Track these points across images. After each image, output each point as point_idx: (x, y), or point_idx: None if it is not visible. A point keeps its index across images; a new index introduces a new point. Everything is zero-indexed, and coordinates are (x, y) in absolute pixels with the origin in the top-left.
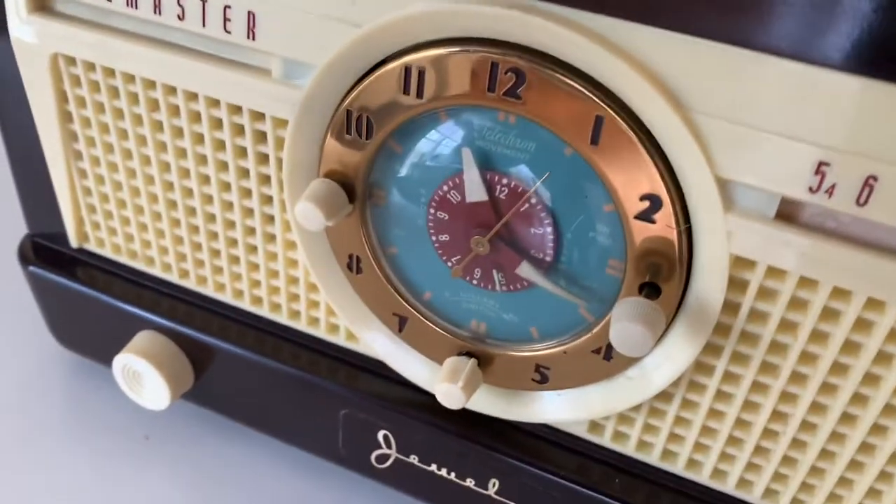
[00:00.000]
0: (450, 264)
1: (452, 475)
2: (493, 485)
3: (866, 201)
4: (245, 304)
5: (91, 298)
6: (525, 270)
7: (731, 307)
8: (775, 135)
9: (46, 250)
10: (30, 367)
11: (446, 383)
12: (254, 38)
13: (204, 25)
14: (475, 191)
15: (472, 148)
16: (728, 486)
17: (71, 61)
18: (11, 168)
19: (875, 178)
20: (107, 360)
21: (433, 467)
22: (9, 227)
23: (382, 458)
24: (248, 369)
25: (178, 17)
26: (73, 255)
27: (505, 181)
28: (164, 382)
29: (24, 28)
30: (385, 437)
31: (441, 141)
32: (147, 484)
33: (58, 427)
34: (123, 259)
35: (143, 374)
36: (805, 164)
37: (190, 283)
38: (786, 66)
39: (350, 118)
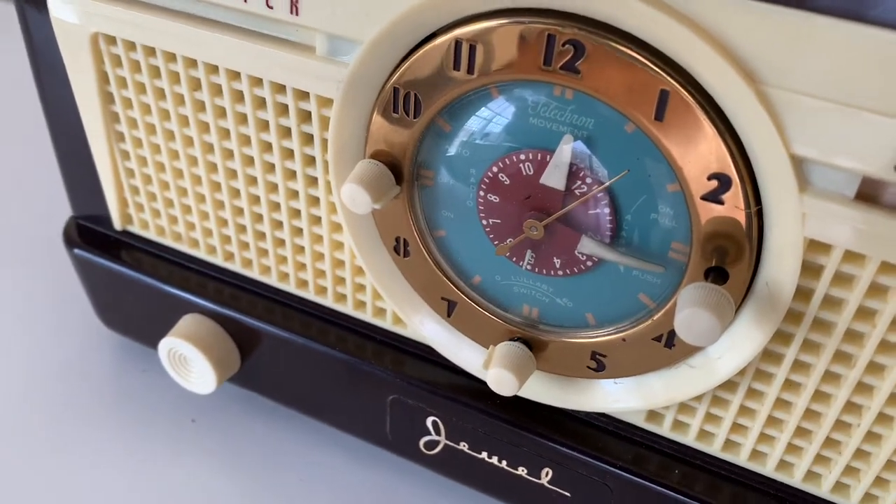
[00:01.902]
0: (501, 248)
1: (504, 463)
2: (546, 474)
3: None
4: (290, 287)
5: (136, 281)
6: (587, 246)
7: (803, 293)
8: (859, 109)
9: (91, 233)
10: (76, 349)
11: (497, 369)
12: (297, 14)
13: (245, 1)
14: (555, 178)
15: (525, 125)
16: (795, 479)
17: (111, 41)
18: (55, 150)
19: None
20: (153, 342)
21: (484, 455)
22: (53, 209)
23: (431, 445)
24: (294, 353)
25: None
26: (117, 238)
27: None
28: (211, 366)
29: (63, 7)
30: (434, 423)
31: (492, 118)
32: (194, 466)
33: (104, 409)
34: (168, 241)
35: (190, 358)
36: (890, 139)
37: (235, 266)
38: (874, 34)
39: (397, 96)
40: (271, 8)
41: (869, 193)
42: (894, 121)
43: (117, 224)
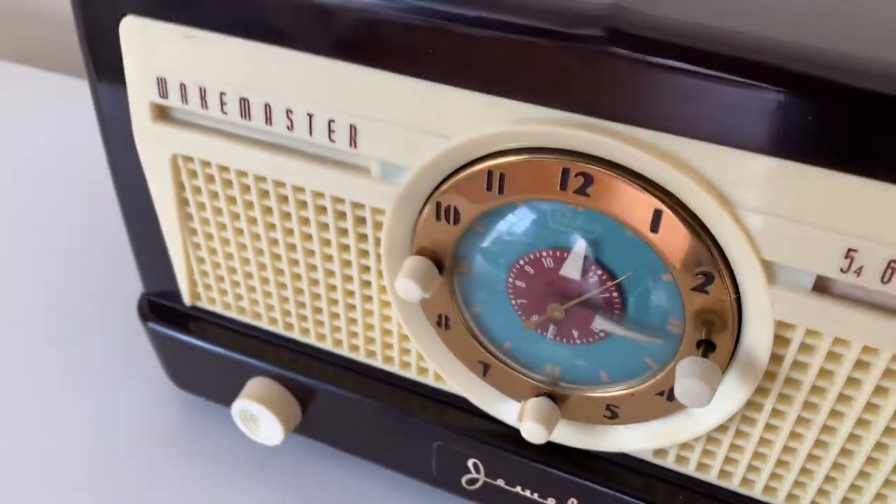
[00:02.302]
0: (528, 323)
1: (535, 495)
2: (572, 503)
3: (889, 280)
4: (344, 351)
5: (204, 349)
6: (600, 323)
7: (776, 358)
8: (810, 226)
9: (162, 308)
10: (150, 406)
11: (530, 422)
12: (355, 147)
13: (311, 135)
14: (572, 269)
15: (545, 228)
16: (778, 500)
17: (189, 159)
18: (129, 236)
19: None
20: (221, 399)
21: (518, 489)
22: (109, 284)
23: (472, 482)
24: (348, 406)
25: (287, 127)
26: (186, 312)
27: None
28: (278, 421)
29: (147, 134)
30: (475, 464)
31: (517, 223)
32: None
33: (178, 459)
34: (233, 314)
35: (259, 416)
36: (836, 250)
37: (294, 334)
38: (817, 173)
39: (440, 208)
40: (333, 141)
41: (823, 285)
42: (835, 234)
43: (187, 301)
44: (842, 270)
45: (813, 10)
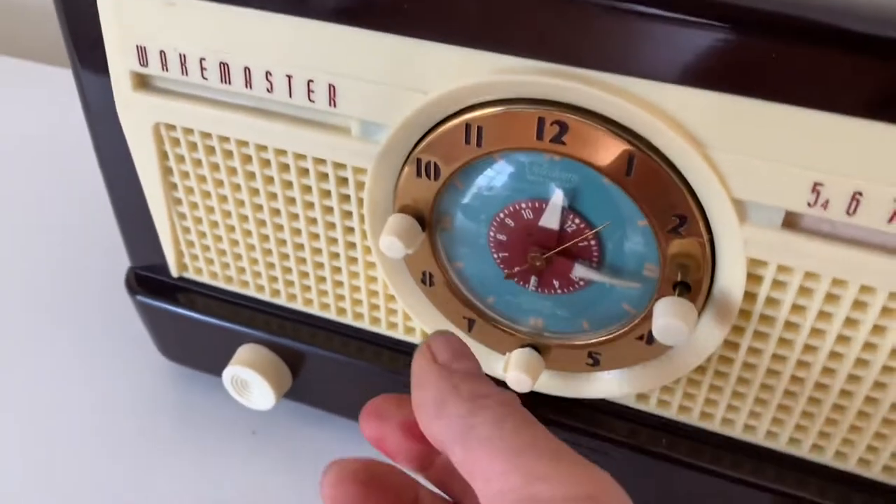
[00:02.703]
0: (510, 275)
1: None
2: None
3: (854, 211)
4: (331, 315)
5: (193, 319)
6: (580, 271)
7: (750, 296)
8: (777, 163)
9: (149, 280)
10: (140, 378)
11: (515, 372)
12: (335, 106)
13: (290, 96)
14: (551, 220)
15: (523, 180)
16: (758, 438)
17: (171, 127)
18: (115, 213)
19: (861, 194)
20: (210, 369)
21: None
22: (94, 260)
23: None
24: (338, 369)
25: (267, 90)
26: (173, 283)
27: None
28: (269, 386)
29: (129, 104)
30: None
31: (496, 176)
32: (258, 473)
33: (171, 428)
34: (220, 283)
35: (250, 382)
36: (803, 184)
37: (281, 300)
38: (782, 110)
39: (420, 164)
40: (313, 102)
41: (791, 221)
42: (802, 169)
43: (174, 272)
44: (809, 205)
45: None
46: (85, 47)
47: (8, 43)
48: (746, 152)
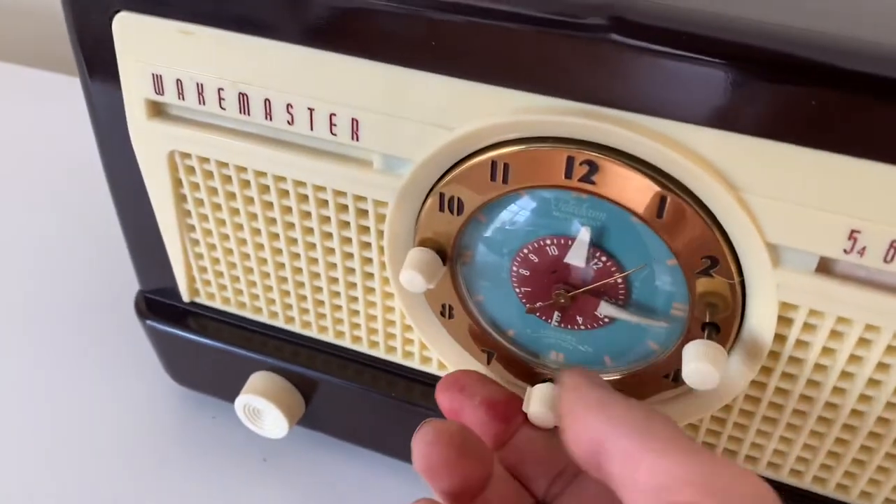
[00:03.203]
0: (532, 310)
1: None
2: None
3: (892, 259)
4: (346, 342)
5: (204, 345)
6: (606, 310)
7: (779, 338)
8: (814, 209)
9: (159, 304)
10: (149, 402)
11: (537, 407)
12: (357, 139)
13: (312, 129)
14: (577, 257)
15: (549, 216)
16: (783, 475)
17: (186, 155)
18: (126, 237)
19: None
20: (221, 394)
21: None
22: (102, 284)
23: None
24: (351, 397)
25: (288, 122)
26: (184, 308)
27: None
28: (282, 415)
29: (143, 131)
30: None
31: (520, 211)
32: (268, 500)
33: (180, 453)
34: (232, 309)
35: (263, 410)
36: (840, 231)
37: (295, 327)
38: (820, 156)
39: (443, 198)
40: (335, 135)
41: (826, 266)
42: (839, 216)
43: (185, 297)
44: (845, 251)
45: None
46: (98, 73)
47: (25, 52)
48: (782, 197)
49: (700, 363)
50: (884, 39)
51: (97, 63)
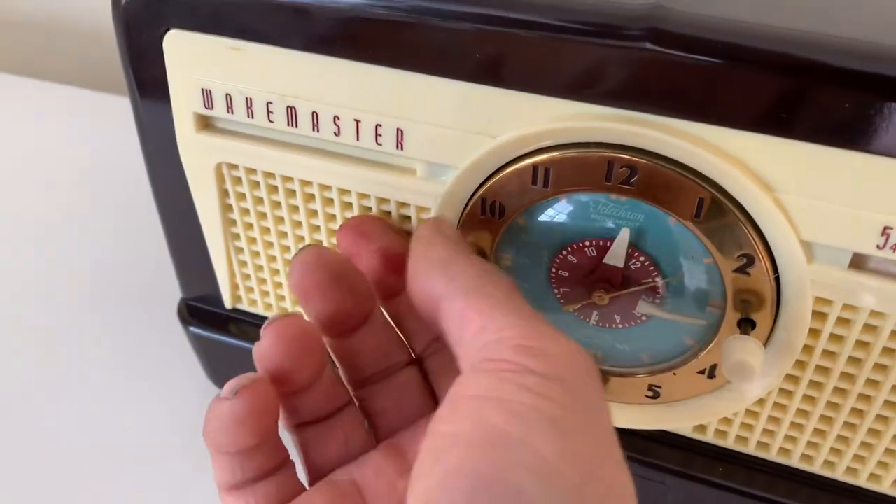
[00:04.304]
0: (570, 310)
1: None
2: None
3: None
4: None
5: (246, 349)
6: (644, 308)
7: (813, 332)
8: (848, 207)
9: (202, 311)
10: (191, 406)
11: None
12: (402, 149)
13: (358, 139)
14: (616, 258)
15: (588, 220)
16: (815, 467)
17: (233, 167)
18: (169, 246)
19: None
20: None
21: None
22: (142, 289)
23: None
24: None
25: (335, 133)
26: (227, 315)
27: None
28: None
29: (191, 144)
30: None
31: (559, 214)
32: None
33: None
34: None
35: None
36: (873, 228)
37: None
38: (854, 156)
39: (485, 203)
40: (380, 145)
41: (859, 262)
42: (872, 213)
43: (228, 304)
44: (878, 247)
45: (841, 3)
46: (148, 88)
47: (61, 69)
48: (817, 196)
49: (740, 357)
50: None
51: (147, 79)
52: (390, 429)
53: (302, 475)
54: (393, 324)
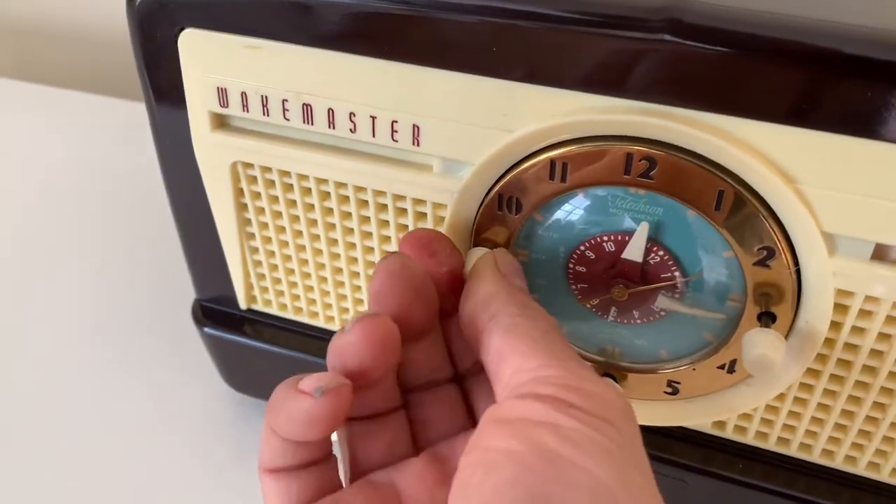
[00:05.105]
0: (589, 306)
1: None
2: None
3: None
4: None
5: (262, 350)
6: (663, 303)
7: (834, 325)
8: (870, 198)
9: (216, 312)
10: (206, 409)
11: None
12: (418, 145)
13: (374, 136)
14: (635, 252)
15: (606, 214)
16: (836, 462)
17: (249, 165)
18: (184, 247)
19: None
20: None
21: None
22: (153, 292)
23: None
24: None
25: (350, 130)
26: (241, 315)
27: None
28: None
29: (206, 143)
30: None
31: (577, 209)
32: None
33: (237, 459)
34: (289, 315)
35: None
36: (895, 218)
37: None
38: (874, 146)
39: (501, 199)
40: (396, 141)
41: (880, 254)
42: (893, 203)
43: (242, 304)
44: None
45: None
46: (162, 87)
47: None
48: (838, 187)
49: (761, 350)
50: None
51: (161, 79)
52: (430, 439)
53: (341, 471)
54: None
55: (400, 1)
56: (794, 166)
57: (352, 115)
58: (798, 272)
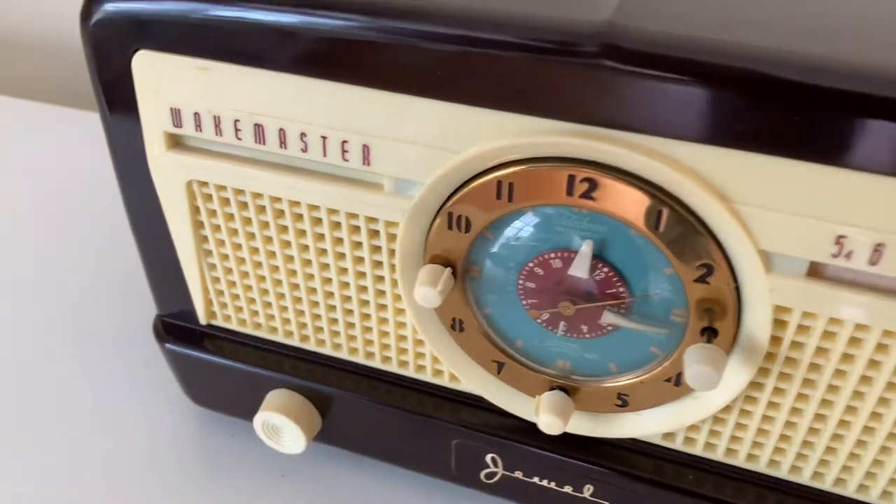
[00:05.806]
0: (539, 321)
1: (552, 484)
2: (588, 489)
3: (877, 262)
4: (359, 359)
5: (222, 365)
6: (609, 318)
7: (775, 340)
8: (802, 217)
9: (177, 328)
10: (167, 424)
11: (546, 415)
12: (368, 164)
13: (325, 156)
14: (580, 269)
15: (552, 231)
16: (782, 472)
17: (204, 184)
18: (144, 264)
19: (883, 245)
20: (239, 413)
21: (535, 479)
22: (115, 308)
23: (491, 476)
24: (367, 412)
25: (302, 150)
26: (201, 330)
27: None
28: (300, 431)
29: (161, 162)
30: (492, 458)
31: (524, 227)
32: None
33: (201, 472)
34: (248, 330)
35: (281, 427)
36: (827, 237)
37: (310, 345)
38: (806, 167)
39: (451, 217)
40: (347, 161)
41: (815, 271)
42: (826, 223)
43: (202, 320)
44: (833, 256)
45: (794, 20)
46: (118, 108)
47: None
48: (772, 207)
49: (701, 366)
50: (859, 58)
51: (117, 98)
52: None
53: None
54: None
55: (347, 26)
56: (730, 186)
57: (303, 135)
58: (737, 288)
